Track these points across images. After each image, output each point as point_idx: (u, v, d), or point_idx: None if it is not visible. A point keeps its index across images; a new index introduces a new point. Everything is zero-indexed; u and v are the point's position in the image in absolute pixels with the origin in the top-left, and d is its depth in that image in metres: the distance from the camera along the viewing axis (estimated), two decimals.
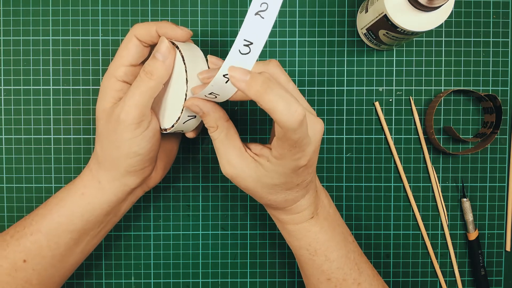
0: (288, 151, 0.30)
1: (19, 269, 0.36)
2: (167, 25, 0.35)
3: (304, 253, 0.37)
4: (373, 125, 0.47)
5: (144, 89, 0.33)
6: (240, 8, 0.46)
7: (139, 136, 0.34)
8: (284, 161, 0.31)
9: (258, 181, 0.33)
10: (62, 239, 0.36)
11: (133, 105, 0.33)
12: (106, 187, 0.36)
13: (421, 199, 0.47)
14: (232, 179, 0.34)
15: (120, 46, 0.35)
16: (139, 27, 0.35)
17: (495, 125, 0.45)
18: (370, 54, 0.47)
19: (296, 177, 0.33)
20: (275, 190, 0.33)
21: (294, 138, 0.29)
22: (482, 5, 0.47)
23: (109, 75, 0.36)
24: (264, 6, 0.27)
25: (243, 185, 0.34)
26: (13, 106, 0.46)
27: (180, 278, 0.47)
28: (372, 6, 0.40)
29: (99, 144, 0.36)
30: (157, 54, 0.33)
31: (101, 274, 0.47)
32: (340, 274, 0.37)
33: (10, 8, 0.46)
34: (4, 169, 0.46)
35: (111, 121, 0.34)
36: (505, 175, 0.47)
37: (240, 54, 0.28)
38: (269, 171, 0.32)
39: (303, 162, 0.31)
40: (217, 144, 0.34)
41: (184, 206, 0.47)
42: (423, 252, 0.48)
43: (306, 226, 0.36)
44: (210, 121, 0.33)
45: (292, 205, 0.35)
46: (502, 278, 0.48)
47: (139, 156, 0.35)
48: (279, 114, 0.27)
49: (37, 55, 0.46)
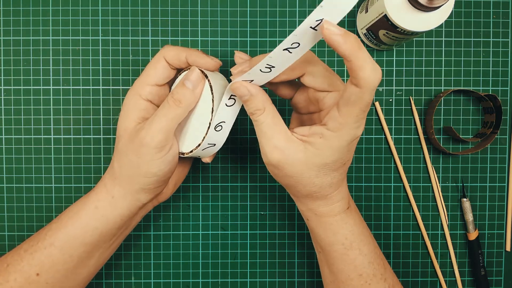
0: (354, 117, 0.30)
1: (32, 282, 0.36)
2: (198, 53, 0.35)
3: (338, 248, 0.36)
4: (373, 125, 0.47)
5: (171, 116, 0.34)
6: (240, 8, 0.46)
7: (160, 159, 0.35)
8: (343, 131, 0.31)
9: (306, 163, 0.32)
10: (76, 252, 0.37)
11: (159, 130, 0.33)
12: (119, 201, 0.37)
13: (421, 199, 0.47)
14: (279, 165, 0.33)
15: (148, 65, 0.36)
16: (169, 49, 0.35)
17: (495, 125, 0.45)
18: (370, 54, 0.47)
19: (347, 153, 0.32)
20: (323, 171, 0.33)
21: (368, 100, 0.29)
22: (482, 5, 0.47)
23: (134, 92, 0.36)
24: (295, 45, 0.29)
25: (289, 171, 0.33)
26: (13, 106, 0.46)
27: (180, 278, 0.47)
28: (372, 6, 0.40)
29: (117, 161, 0.36)
30: (187, 82, 0.34)
31: (101, 274, 0.47)
32: (370, 269, 0.36)
33: (10, 8, 0.46)
34: (4, 169, 0.46)
35: (134, 141, 0.34)
36: (505, 175, 0.47)
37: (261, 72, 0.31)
38: (322, 148, 0.32)
39: (360, 130, 0.31)
40: (264, 128, 0.33)
41: (184, 206, 0.47)
42: (423, 252, 0.48)
43: (344, 217, 0.36)
44: (258, 103, 0.33)
45: (334, 191, 0.35)
46: (502, 278, 0.48)
47: (156, 176, 0.36)
48: (368, 71, 0.28)
49: (37, 55, 0.46)
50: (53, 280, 0.37)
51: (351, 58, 0.28)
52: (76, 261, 0.37)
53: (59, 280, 0.37)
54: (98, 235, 0.37)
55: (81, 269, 0.38)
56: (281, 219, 0.47)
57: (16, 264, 0.36)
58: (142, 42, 0.46)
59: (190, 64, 0.36)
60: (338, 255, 0.36)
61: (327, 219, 0.36)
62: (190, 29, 0.46)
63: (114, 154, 0.37)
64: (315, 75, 0.33)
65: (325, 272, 0.39)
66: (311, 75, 0.34)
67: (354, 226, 0.36)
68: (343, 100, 0.30)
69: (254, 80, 0.33)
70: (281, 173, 0.33)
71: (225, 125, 0.35)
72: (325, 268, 0.38)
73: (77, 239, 0.36)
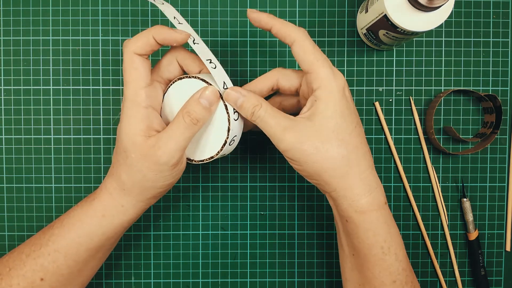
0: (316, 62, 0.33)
1: (36, 287, 0.36)
2: (163, 30, 0.34)
3: (377, 252, 0.34)
4: (373, 125, 0.47)
5: (188, 135, 0.34)
6: (240, 8, 0.46)
7: (174, 173, 0.35)
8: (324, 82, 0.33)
9: (319, 135, 0.33)
10: (81, 257, 0.37)
11: (175, 149, 0.33)
12: (129, 209, 0.37)
13: (421, 199, 0.47)
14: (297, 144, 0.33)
15: (125, 69, 0.34)
16: (134, 42, 0.34)
17: (495, 125, 0.45)
18: (370, 54, 0.47)
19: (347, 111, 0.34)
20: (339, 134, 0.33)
21: (309, 42, 0.34)
22: (482, 5, 0.47)
23: (131, 103, 0.34)
24: (192, 38, 0.34)
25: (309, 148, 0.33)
26: (13, 106, 0.46)
27: (180, 278, 0.47)
28: (372, 6, 0.40)
29: (127, 175, 0.35)
30: (203, 100, 0.34)
31: (101, 274, 0.47)
32: (403, 276, 0.35)
33: (10, 8, 0.46)
34: (4, 169, 0.46)
35: (148, 160, 0.34)
36: (505, 175, 0.47)
37: (213, 69, 0.34)
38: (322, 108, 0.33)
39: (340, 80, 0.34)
40: (268, 118, 0.34)
41: (184, 206, 0.47)
42: (423, 252, 0.48)
43: (384, 213, 0.34)
44: (253, 100, 0.34)
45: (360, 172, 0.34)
46: (502, 278, 0.48)
47: (167, 187, 0.36)
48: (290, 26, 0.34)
49: (37, 55, 0.46)
50: (57, 284, 0.37)
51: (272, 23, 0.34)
52: (80, 265, 0.37)
53: (63, 283, 0.37)
54: (105, 239, 0.37)
55: (85, 271, 0.38)
56: (281, 219, 0.47)
57: (18, 269, 0.36)
58: None
59: (161, 43, 0.34)
60: (375, 259, 0.35)
61: (370, 216, 0.34)
62: None
63: (122, 168, 0.35)
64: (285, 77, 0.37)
65: (353, 275, 0.37)
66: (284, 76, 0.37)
67: (392, 228, 0.35)
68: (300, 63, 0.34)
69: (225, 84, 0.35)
70: (303, 155, 0.33)
71: (237, 138, 0.37)
72: (355, 271, 0.37)
73: (82, 245, 0.36)
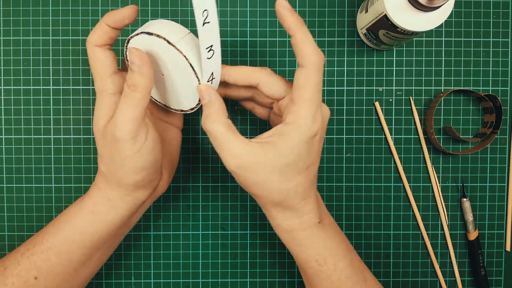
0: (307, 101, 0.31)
1: (30, 286, 0.36)
2: (111, 14, 0.33)
3: (312, 265, 0.36)
4: (373, 125, 0.47)
5: (132, 102, 0.32)
6: (240, 8, 0.46)
7: (140, 151, 0.33)
8: (299, 122, 0.31)
9: (267, 166, 0.32)
10: (75, 256, 0.36)
11: (126, 121, 0.32)
12: (117, 203, 0.36)
13: (421, 199, 0.47)
14: (242, 170, 0.32)
15: (90, 63, 0.34)
16: (92, 36, 0.33)
17: (495, 125, 0.45)
18: (370, 54, 0.47)
19: (307, 153, 0.32)
20: (286, 174, 0.32)
21: (316, 80, 0.31)
22: (482, 5, 0.47)
23: (99, 94, 0.34)
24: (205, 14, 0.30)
25: (252, 176, 0.32)
26: (13, 106, 0.46)
27: (180, 278, 0.47)
28: (372, 6, 0.40)
29: (103, 164, 0.35)
30: (132, 65, 0.32)
31: (101, 274, 0.47)
32: (349, 284, 0.36)
33: (10, 8, 0.46)
34: (4, 169, 0.46)
35: (108, 140, 0.33)
36: (505, 175, 0.47)
37: (208, 59, 0.32)
38: (280, 145, 0.32)
39: (315, 126, 0.32)
40: (220, 138, 0.33)
41: (184, 206, 0.47)
42: (423, 252, 0.48)
43: (315, 231, 0.35)
44: (211, 112, 0.33)
45: (300, 201, 0.34)
46: (502, 278, 0.48)
47: (145, 170, 0.35)
48: (309, 46, 0.31)
49: (37, 55, 0.46)
50: (52, 283, 0.36)
51: (295, 31, 0.31)
52: (75, 265, 0.37)
53: (58, 283, 0.37)
54: (97, 238, 0.36)
55: (81, 271, 0.38)
56: None
57: (13, 268, 0.36)
58: None
59: (115, 27, 0.33)
60: (313, 271, 0.36)
61: (298, 234, 0.35)
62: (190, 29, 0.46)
63: (98, 158, 0.36)
64: (271, 83, 0.35)
65: (305, 283, 0.39)
66: (267, 83, 0.35)
67: (327, 241, 0.35)
68: (294, 87, 0.32)
69: (213, 75, 0.34)
70: (246, 181, 0.33)
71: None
72: (305, 281, 0.38)
73: (75, 243, 0.36)
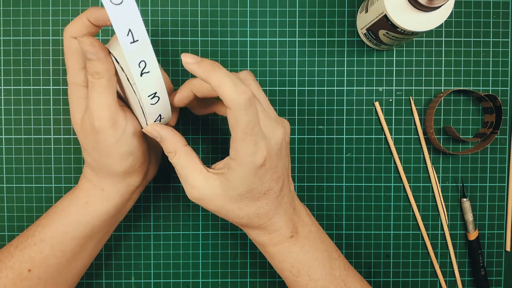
0: (241, 142, 0.30)
1: (24, 279, 0.36)
2: (95, 10, 0.33)
3: (288, 275, 0.36)
4: (373, 125, 0.47)
5: (100, 90, 0.32)
6: (240, 8, 0.46)
7: (123, 136, 0.34)
8: (240, 159, 0.31)
9: (224, 197, 0.33)
10: (68, 246, 0.36)
11: (99, 109, 0.32)
12: (111, 192, 0.36)
13: (421, 199, 0.47)
14: (200, 202, 0.34)
15: (65, 54, 0.34)
16: (70, 27, 0.33)
17: (495, 125, 0.45)
18: (370, 54, 0.47)
19: (259, 182, 0.32)
20: (243, 202, 0.33)
21: (244, 120, 0.29)
22: (482, 5, 0.47)
23: (72, 86, 0.34)
24: (142, 64, 0.29)
25: (212, 206, 0.34)
26: (13, 106, 0.46)
27: (180, 278, 0.47)
28: (372, 6, 0.40)
29: (89, 157, 0.35)
30: (88, 54, 0.31)
31: (101, 274, 0.47)
32: None
33: (10, 8, 0.46)
34: (4, 169, 0.46)
35: (88, 132, 0.33)
36: (505, 175, 0.47)
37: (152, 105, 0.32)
38: (231, 178, 0.32)
39: (259, 158, 0.31)
40: (178, 169, 0.34)
41: (184, 206, 0.47)
42: (423, 252, 0.48)
43: (286, 246, 0.35)
44: (168, 146, 0.34)
45: (267, 221, 0.35)
46: (502, 278, 0.48)
47: (132, 155, 0.35)
48: (226, 90, 0.29)
49: (37, 55, 0.46)
50: (46, 275, 0.36)
51: (208, 79, 0.29)
52: (68, 255, 0.37)
53: (52, 275, 0.37)
54: (91, 228, 0.37)
55: (74, 262, 0.38)
56: None
57: (6, 261, 0.36)
58: None
59: (95, 23, 0.33)
60: (289, 281, 0.37)
61: (269, 249, 0.36)
62: (190, 29, 0.46)
63: (83, 151, 0.36)
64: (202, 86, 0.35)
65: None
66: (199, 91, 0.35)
67: (301, 254, 0.36)
68: (230, 127, 0.31)
69: (162, 115, 0.33)
70: (208, 209, 0.34)
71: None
72: None
73: (68, 234, 0.36)
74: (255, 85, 0.35)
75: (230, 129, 0.31)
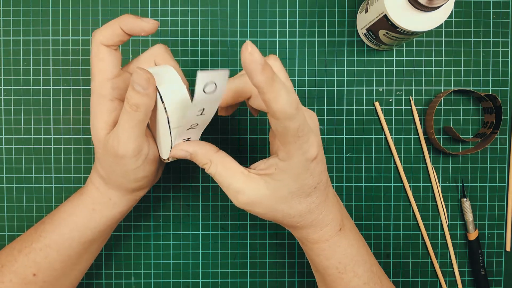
0: (293, 144, 0.29)
1: (29, 282, 0.36)
2: (130, 19, 0.31)
3: (333, 272, 0.35)
4: (373, 125, 0.47)
5: (134, 123, 0.31)
6: (240, 8, 0.46)
7: (142, 164, 0.34)
8: (293, 159, 0.30)
9: (274, 198, 0.31)
10: (74, 251, 0.37)
11: (127, 139, 0.32)
12: (118, 202, 0.36)
13: (421, 199, 0.47)
14: (248, 206, 0.32)
15: (92, 61, 0.33)
16: (101, 32, 0.32)
17: (495, 125, 0.45)
18: (370, 54, 0.47)
19: (310, 177, 0.31)
20: (294, 200, 0.32)
21: (294, 127, 0.28)
22: (482, 5, 0.47)
23: (97, 95, 0.33)
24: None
25: (261, 209, 0.32)
26: (13, 106, 0.46)
27: (180, 278, 0.47)
28: (372, 6, 0.40)
29: (103, 170, 0.35)
30: (136, 85, 0.30)
31: (101, 274, 0.47)
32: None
33: (10, 8, 0.46)
34: (4, 169, 0.46)
35: (110, 153, 0.33)
36: (505, 175, 0.47)
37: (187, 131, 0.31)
38: (281, 178, 0.31)
39: (312, 152, 0.30)
40: (218, 178, 0.32)
41: (184, 206, 0.47)
42: (423, 252, 0.48)
43: (336, 240, 0.34)
44: (201, 159, 0.32)
45: (319, 215, 0.33)
46: (502, 278, 0.48)
47: (146, 177, 0.35)
48: (280, 104, 0.26)
49: (37, 55, 0.46)
50: (51, 278, 0.36)
51: (264, 89, 0.26)
52: (74, 259, 0.37)
53: (57, 277, 0.37)
54: (97, 233, 0.37)
55: (78, 264, 0.38)
56: None
57: (10, 265, 0.36)
58: (142, 42, 0.46)
59: (129, 33, 0.32)
60: (333, 278, 0.36)
61: (320, 245, 0.35)
62: (190, 29, 0.46)
63: (97, 162, 0.36)
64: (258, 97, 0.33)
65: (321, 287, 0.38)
66: (256, 96, 0.33)
67: (348, 248, 0.35)
68: (276, 132, 0.29)
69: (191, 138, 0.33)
70: (257, 214, 0.33)
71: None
72: (321, 284, 0.38)
73: (74, 240, 0.36)
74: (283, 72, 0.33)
75: (275, 133, 0.29)
